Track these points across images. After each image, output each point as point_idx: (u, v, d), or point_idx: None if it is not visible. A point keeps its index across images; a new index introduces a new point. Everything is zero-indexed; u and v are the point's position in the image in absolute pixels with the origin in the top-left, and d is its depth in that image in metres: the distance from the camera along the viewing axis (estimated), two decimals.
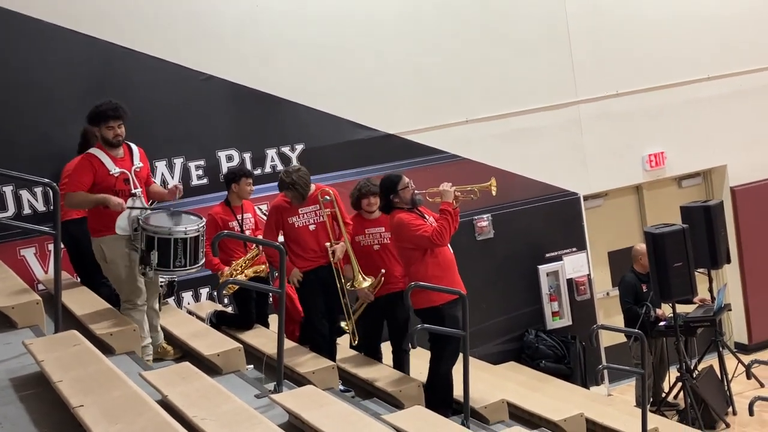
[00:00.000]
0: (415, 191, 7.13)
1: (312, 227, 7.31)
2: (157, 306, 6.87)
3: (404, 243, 7.00)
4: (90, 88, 8.68)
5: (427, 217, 7.11)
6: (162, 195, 6.82)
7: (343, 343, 7.87)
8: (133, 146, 6.64)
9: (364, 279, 7.21)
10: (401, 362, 7.53)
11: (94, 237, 6.53)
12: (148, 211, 6.45)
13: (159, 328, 6.94)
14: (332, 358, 7.23)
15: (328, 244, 7.25)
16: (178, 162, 9.04)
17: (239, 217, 7.72)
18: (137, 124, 8.70)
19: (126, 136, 8.53)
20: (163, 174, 8.94)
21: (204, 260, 6.60)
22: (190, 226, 6.34)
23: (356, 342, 7.52)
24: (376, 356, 7.66)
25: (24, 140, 8.41)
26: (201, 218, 6.53)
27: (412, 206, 7.06)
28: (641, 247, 10.19)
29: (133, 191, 6.46)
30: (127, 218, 6.37)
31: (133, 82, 8.87)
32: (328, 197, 7.31)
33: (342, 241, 7.31)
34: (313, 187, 7.38)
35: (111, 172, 6.40)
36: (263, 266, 7.64)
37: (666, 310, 10.06)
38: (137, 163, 6.58)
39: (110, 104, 6.46)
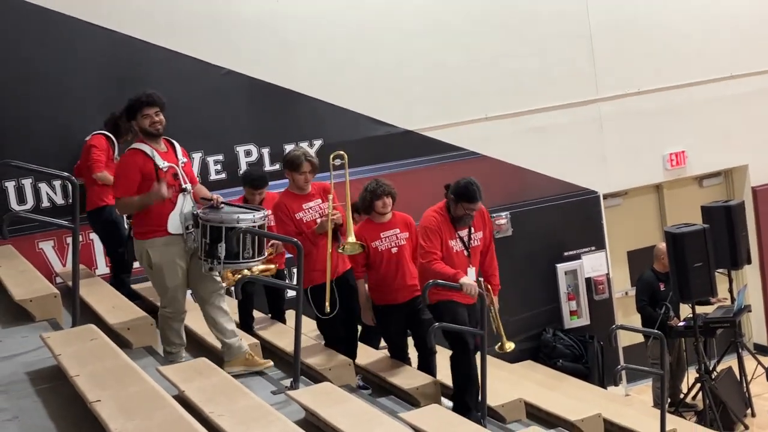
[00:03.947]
0: (472, 218, 6.76)
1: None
2: (223, 304, 6.25)
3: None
4: (109, 81, 8.70)
5: (463, 234, 6.78)
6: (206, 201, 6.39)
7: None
8: (174, 142, 6.24)
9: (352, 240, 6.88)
10: (429, 364, 7.20)
11: (139, 239, 6.06)
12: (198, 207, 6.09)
13: (236, 332, 6.30)
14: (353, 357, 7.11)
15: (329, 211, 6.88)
16: (197, 156, 9.02)
17: None
18: None
19: None
20: None
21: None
22: (258, 214, 6.07)
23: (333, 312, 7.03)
24: (405, 361, 7.40)
25: (43, 133, 8.43)
26: (263, 209, 6.29)
27: (456, 222, 6.77)
28: (663, 246, 10.12)
29: (184, 186, 6.06)
30: (179, 215, 5.99)
31: (153, 75, 8.84)
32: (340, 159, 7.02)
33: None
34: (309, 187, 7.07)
35: (160, 167, 5.96)
36: (273, 266, 7.50)
37: (684, 311, 10.01)
38: (181, 158, 6.19)
39: (142, 92, 6.11)
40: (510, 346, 7.06)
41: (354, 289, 7.14)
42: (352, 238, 6.81)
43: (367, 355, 7.48)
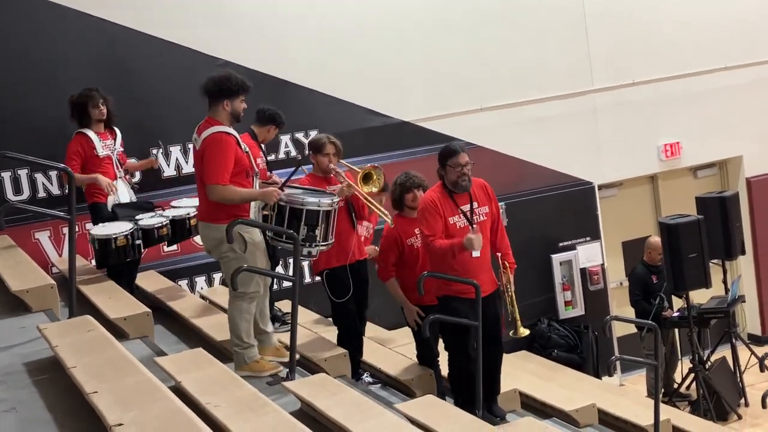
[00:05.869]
0: (466, 176, 6.32)
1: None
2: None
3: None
4: (103, 71, 8.66)
5: (465, 208, 6.33)
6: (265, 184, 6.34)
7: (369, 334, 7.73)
8: None
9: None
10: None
11: (223, 224, 5.64)
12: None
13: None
14: (359, 351, 7.06)
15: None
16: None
17: None
18: (152, 108, 8.81)
19: (140, 121, 8.66)
20: (177, 159, 8.94)
21: None
22: (334, 197, 6.20)
23: None
24: (433, 364, 7.07)
25: (37, 123, 8.40)
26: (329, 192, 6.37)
27: (454, 188, 6.35)
28: (654, 239, 10.17)
29: (258, 171, 6.04)
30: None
31: (148, 66, 8.87)
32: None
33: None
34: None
35: (245, 150, 5.84)
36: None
37: (676, 304, 10.06)
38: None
39: (241, 78, 6.00)
40: (524, 332, 6.78)
41: (365, 281, 7.00)
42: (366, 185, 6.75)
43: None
